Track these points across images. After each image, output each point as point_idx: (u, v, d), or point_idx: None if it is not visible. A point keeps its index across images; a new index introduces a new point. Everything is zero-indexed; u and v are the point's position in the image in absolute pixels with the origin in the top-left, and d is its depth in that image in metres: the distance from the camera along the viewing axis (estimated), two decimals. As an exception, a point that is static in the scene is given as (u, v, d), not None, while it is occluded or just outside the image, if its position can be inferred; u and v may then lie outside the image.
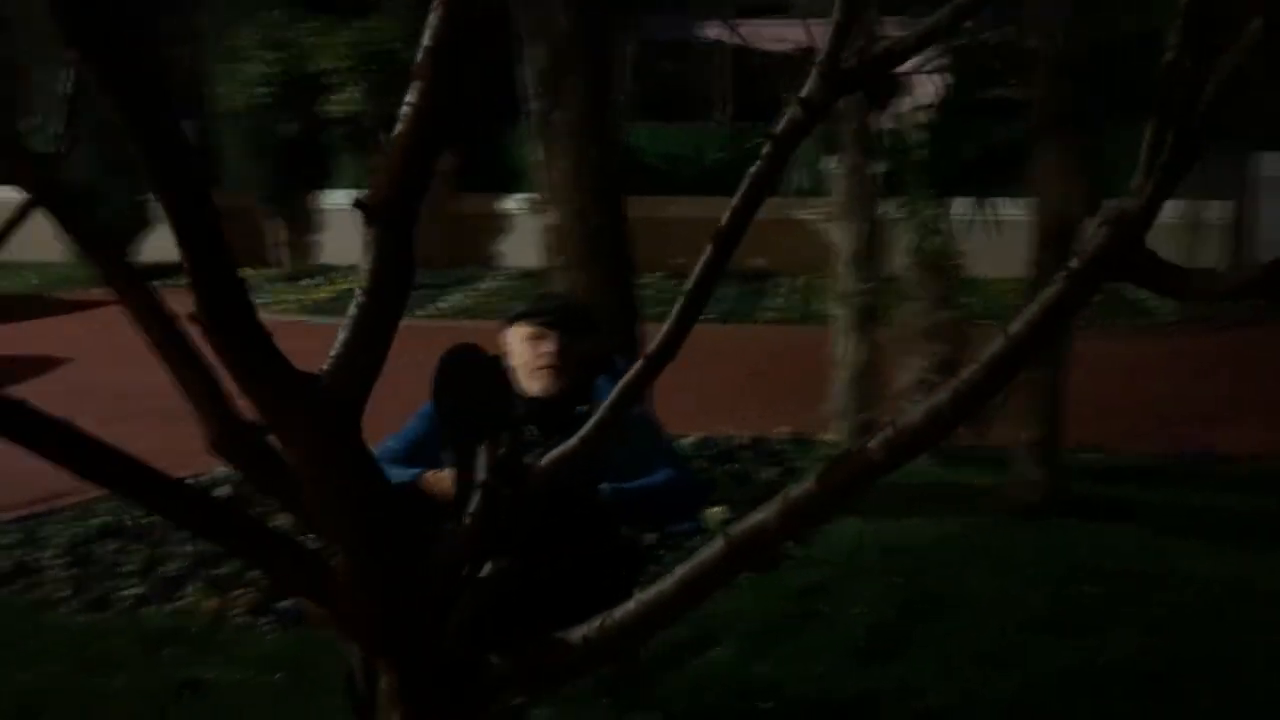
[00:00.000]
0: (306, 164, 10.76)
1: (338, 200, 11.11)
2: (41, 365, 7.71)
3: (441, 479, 2.55)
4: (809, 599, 3.74)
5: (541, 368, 3.00)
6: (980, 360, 1.30)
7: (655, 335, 1.66)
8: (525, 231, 9.72)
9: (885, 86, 5.03)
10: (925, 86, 5.03)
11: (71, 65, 1.42)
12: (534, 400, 2.99)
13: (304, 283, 10.73)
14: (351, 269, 11.05)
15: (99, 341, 8.42)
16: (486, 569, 1.56)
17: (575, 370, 3.08)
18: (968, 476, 4.87)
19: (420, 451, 2.85)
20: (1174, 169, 1.15)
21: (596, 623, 1.42)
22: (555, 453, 1.73)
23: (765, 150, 1.48)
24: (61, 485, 3.40)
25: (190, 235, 1.13)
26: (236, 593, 3.67)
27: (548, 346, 3.01)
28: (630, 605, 1.42)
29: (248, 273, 11.53)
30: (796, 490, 1.36)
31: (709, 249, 1.57)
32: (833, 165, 5.17)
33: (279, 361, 1.23)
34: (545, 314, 3.05)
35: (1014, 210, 4.77)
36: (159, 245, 11.79)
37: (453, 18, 1.27)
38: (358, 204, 1.26)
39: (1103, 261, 1.26)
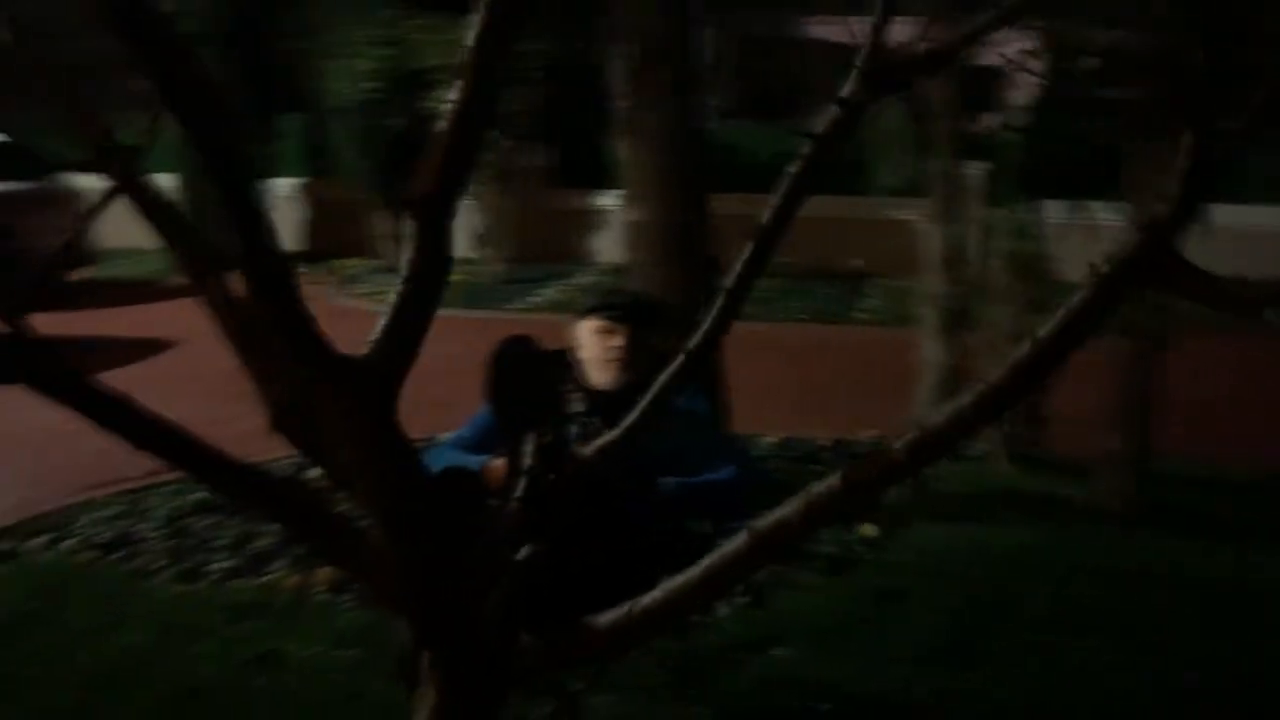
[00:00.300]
0: (411, 158, 11.00)
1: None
2: (152, 348, 8.07)
3: (497, 467, 2.62)
4: (881, 602, 3.71)
5: (610, 361, 3.06)
6: (1006, 364, 1.29)
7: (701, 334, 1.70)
8: (619, 227, 9.81)
9: (980, 85, 4.94)
10: (1022, 87, 4.93)
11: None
12: (602, 393, 3.05)
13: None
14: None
15: (210, 326, 8.78)
16: (523, 552, 1.61)
17: (644, 364, 3.13)
18: (1056, 484, 4.76)
19: (491, 439, 2.92)
20: (1199, 173, 1.14)
21: (625, 609, 1.46)
22: (597, 443, 1.78)
23: (804, 150, 1.50)
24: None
25: (242, 226, 1.20)
26: (319, 570, 3.81)
27: (617, 340, 3.06)
28: (657, 594, 1.45)
29: (353, 263, 11.93)
30: (819, 487, 1.37)
31: (749, 247, 1.59)
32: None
33: (321, 344, 1.29)
34: (616, 308, 3.10)
35: (1110, 214, 4.65)
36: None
37: (495, 23, 1.32)
38: (401, 199, 1.32)
39: (1132, 267, 1.24)
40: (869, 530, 4.29)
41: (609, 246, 11.33)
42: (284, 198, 12.12)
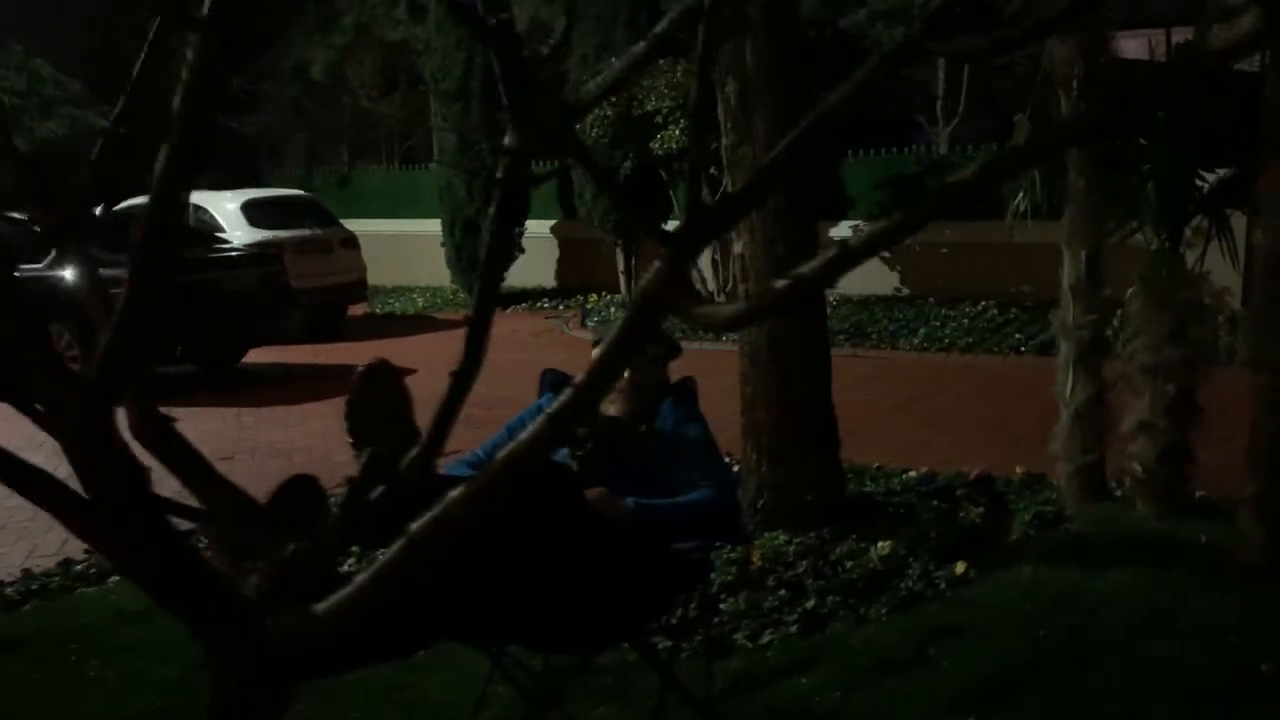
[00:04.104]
0: (642, 198, 11.53)
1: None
2: (392, 375, 9.02)
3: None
4: (933, 640, 3.58)
5: (617, 391, 3.23)
6: (573, 384, 1.40)
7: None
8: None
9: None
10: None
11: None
12: (607, 420, 3.22)
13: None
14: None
15: (448, 356, 9.68)
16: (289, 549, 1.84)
17: (648, 394, 3.27)
18: (1195, 529, 4.35)
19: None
20: (709, 211, 1.20)
21: (329, 601, 1.67)
22: (409, 457, 1.99)
23: (496, 194, 1.65)
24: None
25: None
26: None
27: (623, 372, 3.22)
28: (351, 588, 1.65)
29: (592, 298, 12.55)
30: (452, 494, 1.52)
31: (478, 284, 1.74)
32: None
33: (54, 361, 1.61)
34: (623, 339, 3.27)
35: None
36: (525, 271, 13.07)
37: (192, 98, 1.59)
38: (127, 246, 1.60)
39: (653, 295, 1.32)
40: (961, 568, 4.12)
41: (850, 276, 11.26)
42: (538, 238, 13.02)
